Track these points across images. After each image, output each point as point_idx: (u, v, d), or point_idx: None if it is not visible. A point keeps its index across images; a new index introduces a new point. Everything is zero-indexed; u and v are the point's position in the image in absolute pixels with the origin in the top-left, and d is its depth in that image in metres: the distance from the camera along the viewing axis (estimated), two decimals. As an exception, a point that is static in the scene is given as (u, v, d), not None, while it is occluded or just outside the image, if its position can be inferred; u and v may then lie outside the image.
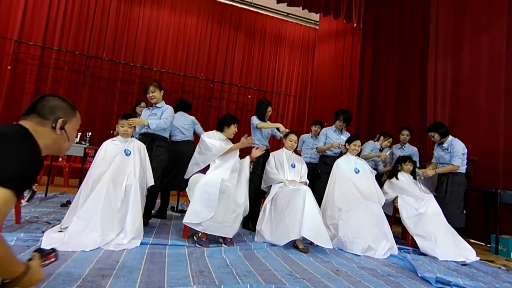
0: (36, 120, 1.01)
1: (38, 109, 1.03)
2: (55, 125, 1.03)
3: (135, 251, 2.08)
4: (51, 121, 1.03)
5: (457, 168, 3.23)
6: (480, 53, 4.11)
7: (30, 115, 1.01)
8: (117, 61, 6.01)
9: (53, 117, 1.03)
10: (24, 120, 1.01)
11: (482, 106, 3.99)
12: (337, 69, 6.66)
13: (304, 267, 2.13)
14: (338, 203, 2.91)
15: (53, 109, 1.05)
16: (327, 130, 3.72)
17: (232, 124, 2.88)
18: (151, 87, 2.97)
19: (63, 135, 1.06)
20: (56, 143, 1.05)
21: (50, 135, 1.03)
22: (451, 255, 2.72)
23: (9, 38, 5.28)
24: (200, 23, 6.76)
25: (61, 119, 1.05)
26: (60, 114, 1.05)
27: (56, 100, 1.07)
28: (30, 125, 0.99)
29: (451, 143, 3.31)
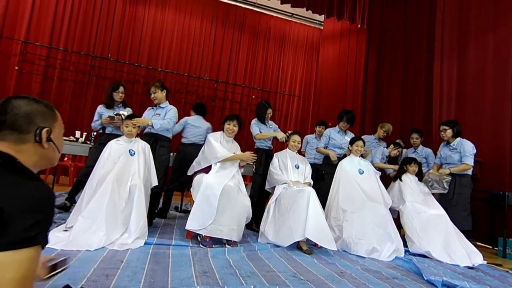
0: (12, 138, 0.78)
1: (9, 121, 0.78)
2: (39, 138, 0.81)
3: (139, 251, 2.09)
4: (32, 134, 0.80)
5: (470, 167, 3.16)
6: (486, 53, 4.06)
7: (1, 132, 0.78)
8: (122, 62, 6.05)
9: (33, 128, 0.80)
10: None
11: (488, 107, 3.94)
12: (341, 70, 6.63)
13: (308, 269, 2.12)
14: (343, 205, 2.89)
15: (29, 117, 0.80)
16: (330, 131, 3.70)
17: (225, 121, 2.93)
18: (152, 88, 2.99)
19: (51, 146, 0.84)
20: (45, 157, 0.84)
21: (36, 150, 0.81)
22: (458, 258, 2.68)
23: (16, 38, 5.34)
24: (204, 23, 6.78)
25: (45, 129, 0.82)
26: (40, 123, 0.82)
27: (28, 104, 0.82)
28: (8, 146, 0.77)
29: (460, 143, 3.25)
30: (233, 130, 2.91)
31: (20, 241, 0.66)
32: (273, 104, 7.16)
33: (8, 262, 0.65)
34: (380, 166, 3.69)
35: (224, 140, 2.92)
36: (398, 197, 3.19)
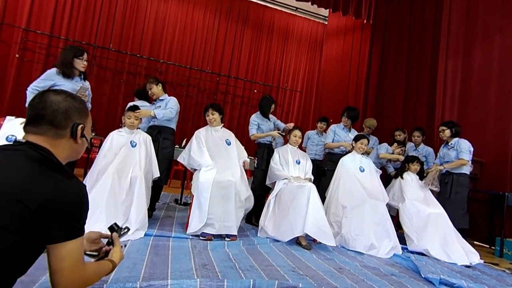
0: (51, 133, 0.83)
1: (49, 117, 0.82)
2: (75, 134, 0.86)
3: (139, 242, 2.09)
4: (68, 130, 0.85)
5: (466, 162, 3.20)
6: (491, 54, 4.02)
7: (40, 126, 0.82)
8: (123, 52, 6.00)
9: (69, 124, 0.85)
10: (33, 134, 0.82)
11: (491, 108, 3.92)
12: (344, 66, 6.58)
13: (307, 264, 2.13)
14: (342, 201, 2.89)
15: (67, 114, 0.85)
16: (335, 127, 3.69)
17: (204, 113, 2.89)
18: (147, 84, 2.99)
19: (83, 141, 0.90)
20: (76, 151, 0.90)
21: (70, 145, 0.87)
22: (455, 257, 2.69)
23: (17, 26, 5.28)
24: (207, 16, 6.70)
25: (80, 126, 0.87)
26: (76, 119, 0.86)
27: (66, 101, 0.86)
28: (45, 140, 0.82)
29: (457, 141, 3.32)
30: (214, 119, 2.85)
31: (71, 234, 0.78)
32: (274, 99, 7.15)
33: (64, 253, 0.77)
34: (385, 156, 3.70)
35: (213, 131, 2.87)
36: (398, 195, 3.19)
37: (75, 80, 2.45)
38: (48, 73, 2.36)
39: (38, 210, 0.71)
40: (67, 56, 2.42)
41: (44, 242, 0.77)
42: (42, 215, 0.72)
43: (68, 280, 0.78)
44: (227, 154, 2.80)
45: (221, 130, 2.92)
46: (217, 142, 2.82)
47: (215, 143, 2.81)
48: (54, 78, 2.36)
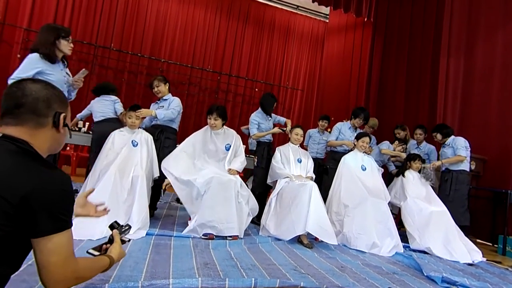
0: (33, 123, 0.78)
1: (29, 105, 0.78)
2: (58, 123, 0.82)
3: (141, 242, 2.10)
4: (50, 118, 0.81)
5: (463, 158, 3.26)
6: (494, 51, 3.99)
7: (20, 116, 0.77)
8: (125, 51, 6.00)
9: (51, 113, 0.81)
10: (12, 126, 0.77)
11: (493, 105, 3.90)
12: (346, 64, 6.55)
13: (309, 263, 2.13)
14: (344, 200, 2.89)
15: (48, 102, 0.81)
16: (341, 126, 3.68)
17: (207, 116, 2.76)
18: (155, 81, 2.93)
19: (65, 131, 0.86)
20: (57, 142, 0.86)
21: (52, 135, 0.83)
22: (458, 255, 2.68)
23: (19, 26, 5.30)
24: (208, 14, 6.69)
25: (63, 114, 0.84)
26: (57, 108, 0.83)
27: (46, 89, 0.82)
28: (25, 132, 0.78)
29: (453, 139, 3.39)
30: (215, 125, 2.72)
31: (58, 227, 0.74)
32: (276, 98, 7.14)
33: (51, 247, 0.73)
34: (387, 152, 3.69)
35: (212, 133, 2.78)
36: (400, 193, 3.18)
37: (58, 65, 2.09)
38: (31, 60, 1.96)
39: (20, 204, 0.69)
40: (49, 36, 2.01)
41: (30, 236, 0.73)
42: (25, 209, 0.70)
43: (59, 276, 0.74)
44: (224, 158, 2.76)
45: (222, 133, 2.81)
46: (216, 146, 2.75)
47: (214, 146, 2.75)
48: (38, 65, 1.97)
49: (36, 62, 1.97)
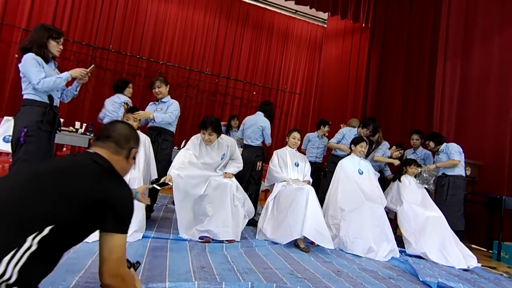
0: (113, 149, 1.09)
1: (115, 137, 1.10)
2: (130, 155, 1.12)
3: (137, 244, 2.09)
4: (125, 150, 1.11)
5: (457, 162, 3.33)
6: (490, 56, 4.04)
7: (107, 142, 1.09)
8: (123, 53, 6.00)
9: (127, 146, 1.11)
10: (100, 147, 1.08)
11: (490, 110, 3.94)
12: (343, 68, 6.60)
13: (305, 267, 2.13)
14: (341, 204, 2.90)
15: (128, 138, 1.12)
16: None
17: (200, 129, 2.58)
18: (157, 82, 2.92)
19: (131, 163, 1.15)
20: (123, 169, 1.12)
21: (122, 163, 1.11)
22: (453, 260, 2.70)
23: (17, 26, 5.28)
24: (207, 17, 6.72)
25: (135, 150, 1.14)
26: (132, 144, 1.13)
27: (129, 129, 1.15)
28: (107, 153, 1.07)
29: (446, 146, 3.47)
30: (210, 140, 2.56)
31: (120, 229, 0.97)
32: (274, 101, 7.18)
33: (112, 245, 0.96)
34: (380, 159, 3.70)
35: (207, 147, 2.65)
36: (396, 198, 3.20)
37: (50, 64, 2.11)
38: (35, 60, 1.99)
39: (98, 203, 0.93)
40: (42, 36, 2.05)
41: (98, 227, 0.96)
42: (101, 208, 0.93)
43: (113, 271, 0.95)
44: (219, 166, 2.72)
45: (216, 145, 2.67)
46: (212, 158, 2.68)
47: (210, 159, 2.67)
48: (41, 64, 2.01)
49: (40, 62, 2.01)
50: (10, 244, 0.81)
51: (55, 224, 0.86)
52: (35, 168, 0.99)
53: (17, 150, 1.98)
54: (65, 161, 1.06)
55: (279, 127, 7.19)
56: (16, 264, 0.80)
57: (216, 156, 2.68)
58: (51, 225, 0.85)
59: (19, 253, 0.81)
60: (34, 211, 0.85)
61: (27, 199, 0.87)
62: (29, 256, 0.82)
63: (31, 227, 0.83)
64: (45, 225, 0.84)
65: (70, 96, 2.30)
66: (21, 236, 0.82)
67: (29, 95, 2.03)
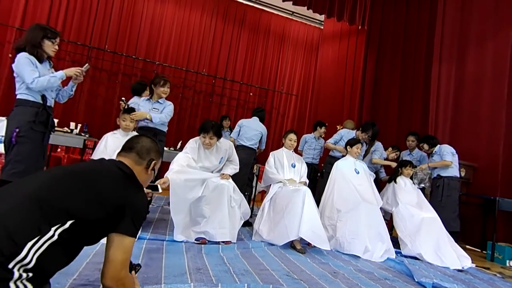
0: (135, 159, 1.16)
1: (137, 148, 1.17)
2: (149, 166, 1.18)
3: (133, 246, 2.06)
4: (146, 161, 1.18)
5: (449, 163, 3.39)
6: (484, 59, 4.09)
7: (130, 153, 1.17)
8: (119, 53, 5.96)
9: (148, 158, 1.18)
10: (123, 157, 1.16)
11: (484, 113, 3.99)
12: (340, 70, 6.64)
13: (302, 268, 2.13)
14: (337, 204, 2.90)
15: (149, 151, 1.19)
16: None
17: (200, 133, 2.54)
18: (168, 83, 2.90)
19: (151, 175, 1.21)
20: (143, 180, 1.18)
21: (142, 174, 1.17)
22: (448, 261, 2.72)
23: (11, 25, 5.22)
24: (204, 18, 6.71)
25: (154, 162, 1.19)
26: (153, 156, 1.20)
27: (151, 142, 1.22)
28: (130, 163, 1.15)
29: (439, 147, 3.53)
30: (210, 144, 2.53)
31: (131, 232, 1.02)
32: (270, 103, 7.20)
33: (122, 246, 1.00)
34: (378, 162, 3.72)
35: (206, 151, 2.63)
36: (392, 199, 3.22)
37: (45, 64, 2.09)
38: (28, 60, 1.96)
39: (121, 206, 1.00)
40: (36, 35, 2.03)
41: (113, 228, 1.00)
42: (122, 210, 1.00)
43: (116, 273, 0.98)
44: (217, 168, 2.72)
45: (215, 149, 2.65)
46: (211, 163, 2.67)
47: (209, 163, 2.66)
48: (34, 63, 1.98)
49: (33, 62, 1.99)
50: (37, 230, 0.85)
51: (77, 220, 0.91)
52: (73, 166, 1.09)
53: (9, 151, 1.95)
54: (96, 164, 1.13)
55: (276, 128, 7.20)
56: (37, 250, 0.84)
57: (215, 160, 2.66)
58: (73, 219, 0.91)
59: (42, 240, 0.85)
60: (66, 204, 0.92)
61: (61, 192, 0.94)
62: (49, 245, 0.86)
63: (57, 218, 0.89)
64: (68, 219, 0.90)
65: (66, 96, 2.28)
66: (48, 224, 0.87)
67: (22, 95, 2.01)
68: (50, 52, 2.11)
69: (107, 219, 0.98)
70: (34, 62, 1.99)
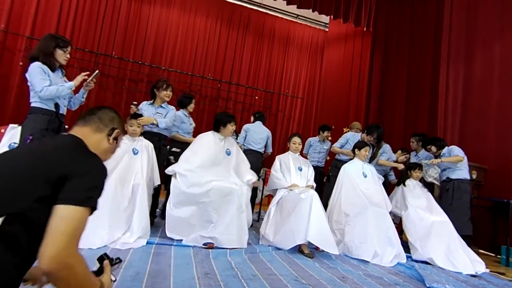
0: (95, 126, 1.04)
1: (99, 114, 1.06)
2: (112, 133, 1.06)
3: (141, 251, 2.08)
4: (108, 128, 1.05)
5: (461, 158, 3.29)
6: (492, 60, 4.04)
7: (90, 119, 1.04)
8: (126, 59, 6.05)
9: (110, 125, 1.07)
10: (80, 126, 1.03)
11: (493, 114, 3.92)
12: (345, 73, 6.61)
13: (310, 273, 2.10)
14: (345, 209, 2.87)
15: (112, 118, 1.09)
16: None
17: (228, 123, 2.78)
18: (171, 87, 2.96)
19: (113, 146, 1.07)
20: (105, 150, 1.05)
21: (102, 143, 1.04)
22: (460, 266, 2.66)
23: (21, 34, 5.35)
24: (209, 23, 6.78)
25: (118, 130, 1.08)
26: (116, 126, 1.09)
27: (114, 112, 1.12)
28: (87, 132, 1.01)
29: (447, 149, 3.43)
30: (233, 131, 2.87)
31: (80, 200, 0.79)
32: (276, 106, 7.21)
33: (64, 216, 0.76)
34: (384, 164, 3.67)
35: (217, 138, 2.80)
36: (401, 203, 3.17)
37: (57, 73, 2.17)
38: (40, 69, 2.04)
39: (62, 176, 0.80)
40: (49, 45, 2.12)
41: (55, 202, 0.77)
42: (64, 180, 0.80)
43: (57, 250, 0.72)
44: (226, 163, 2.75)
45: (224, 139, 2.84)
46: (220, 149, 2.78)
47: (218, 150, 2.77)
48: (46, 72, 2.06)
49: (46, 70, 2.06)
50: None
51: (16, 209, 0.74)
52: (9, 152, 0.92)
53: None
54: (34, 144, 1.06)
55: (282, 131, 7.19)
56: None
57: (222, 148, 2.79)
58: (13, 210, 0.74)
59: None
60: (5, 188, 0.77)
61: None
62: None
63: None
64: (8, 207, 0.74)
65: (77, 103, 2.35)
66: None
67: (36, 103, 2.07)
68: (62, 61, 2.20)
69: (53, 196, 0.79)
70: (46, 71, 2.06)
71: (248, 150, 3.63)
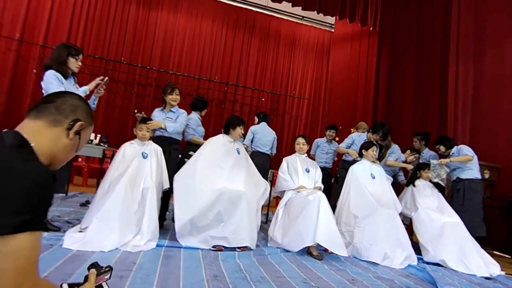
0: (52, 117, 0.77)
1: (58, 103, 0.79)
2: (72, 126, 0.79)
3: (151, 253, 2.11)
4: (68, 120, 0.79)
5: (470, 157, 3.25)
6: (503, 57, 3.95)
7: (45, 109, 0.78)
8: (134, 64, 6.18)
9: (72, 117, 0.80)
10: (31, 119, 0.76)
11: (504, 112, 3.83)
12: (352, 73, 6.57)
13: (319, 275, 2.10)
14: (354, 210, 2.85)
15: (74, 108, 0.82)
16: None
17: (237, 125, 2.88)
18: (177, 90, 2.99)
19: (74, 142, 0.82)
20: (64, 148, 0.79)
21: (61, 138, 0.78)
22: (474, 268, 2.60)
23: (35, 43, 5.53)
24: (215, 27, 6.85)
25: (81, 123, 0.81)
26: (80, 117, 0.82)
27: (79, 101, 0.85)
28: (39, 125, 0.76)
29: (456, 148, 3.39)
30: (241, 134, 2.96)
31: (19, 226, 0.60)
32: (282, 107, 7.21)
33: (8, 251, 0.59)
34: (392, 164, 3.63)
35: (226, 140, 2.87)
36: (411, 203, 3.13)
37: (70, 80, 2.26)
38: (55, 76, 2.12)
39: None
40: (61, 54, 2.21)
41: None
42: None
43: None
44: (237, 162, 2.79)
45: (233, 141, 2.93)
46: (230, 150, 2.84)
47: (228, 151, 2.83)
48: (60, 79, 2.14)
49: (59, 78, 2.16)
50: None
51: None
52: None
53: None
54: None
55: (289, 133, 7.18)
56: None
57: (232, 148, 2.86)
58: None
59: None
60: None
61: None
62: None
63: None
64: None
65: None
66: None
67: None
68: (74, 68, 2.30)
69: None
70: (60, 78, 2.15)
71: (256, 152, 3.65)
